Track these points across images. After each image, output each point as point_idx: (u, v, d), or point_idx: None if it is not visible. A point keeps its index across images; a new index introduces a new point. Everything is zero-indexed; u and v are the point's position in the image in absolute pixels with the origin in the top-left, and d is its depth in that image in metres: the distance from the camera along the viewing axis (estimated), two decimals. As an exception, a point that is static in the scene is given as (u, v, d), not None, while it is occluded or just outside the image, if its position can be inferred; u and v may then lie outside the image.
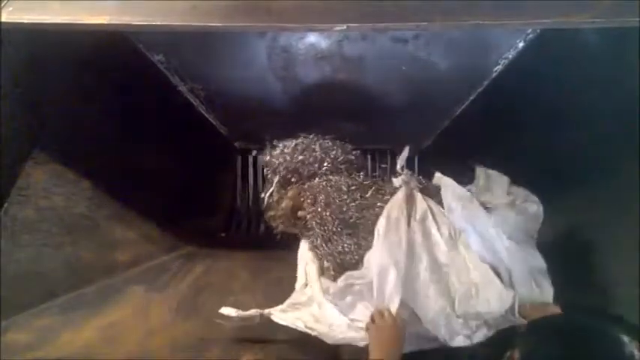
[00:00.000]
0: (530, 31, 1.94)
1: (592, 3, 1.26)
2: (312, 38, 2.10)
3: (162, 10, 1.31)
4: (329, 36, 2.07)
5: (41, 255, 1.63)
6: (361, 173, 2.06)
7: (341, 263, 1.75)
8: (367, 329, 1.45)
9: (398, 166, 1.95)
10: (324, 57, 2.17)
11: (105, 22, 1.28)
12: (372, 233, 1.64)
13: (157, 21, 1.29)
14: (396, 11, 1.30)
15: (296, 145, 2.17)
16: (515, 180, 1.88)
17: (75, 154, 1.75)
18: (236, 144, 2.71)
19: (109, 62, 1.90)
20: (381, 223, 1.62)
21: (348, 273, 1.63)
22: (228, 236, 2.57)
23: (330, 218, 1.80)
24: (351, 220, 1.78)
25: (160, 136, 2.24)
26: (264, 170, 2.30)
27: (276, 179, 2.15)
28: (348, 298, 1.60)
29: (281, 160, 2.14)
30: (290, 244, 2.01)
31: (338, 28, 1.28)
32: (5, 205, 1.52)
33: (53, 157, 1.66)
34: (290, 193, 2.04)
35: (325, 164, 2.09)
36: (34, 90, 1.60)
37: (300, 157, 2.11)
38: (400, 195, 1.72)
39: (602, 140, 1.68)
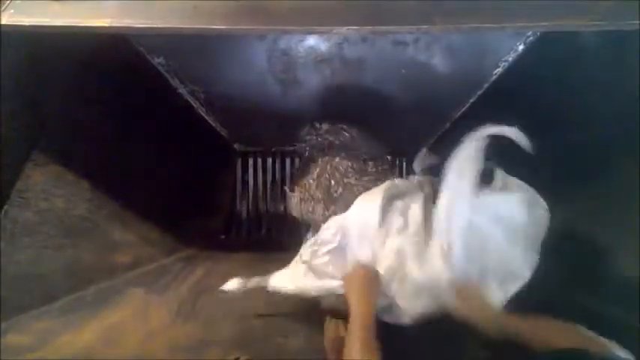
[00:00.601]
0: (530, 33, 1.94)
1: (592, 6, 1.27)
2: (311, 41, 2.11)
3: (163, 13, 1.31)
4: (329, 39, 2.08)
5: (41, 257, 1.62)
6: (371, 163, 2.11)
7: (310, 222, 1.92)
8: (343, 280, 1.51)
9: (416, 169, 1.95)
10: (324, 60, 2.17)
11: (106, 24, 1.28)
12: (346, 208, 1.69)
13: (158, 23, 1.29)
14: (396, 14, 1.30)
15: (328, 129, 2.39)
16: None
17: (75, 155, 1.75)
18: (236, 146, 2.71)
19: (109, 64, 1.90)
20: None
21: (313, 239, 1.68)
22: (229, 239, 2.57)
23: (314, 184, 1.86)
24: (335, 195, 1.84)
25: (160, 137, 2.24)
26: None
27: (306, 154, 2.39)
28: (319, 263, 1.63)
29: (312, 137, 2.36)
30: (290, 247, 2.01)
31: (337, 31, 1.28)
32: (5, 207, 1.52)
33: (53, 159, 1.67)
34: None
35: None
36: (34, 91, 1.60)
37: (330, 138, 2.32)
38: (396, 181, 1.80)
39: (602, 143, 1.68)
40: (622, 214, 1.58)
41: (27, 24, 1.30)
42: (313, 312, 1.72)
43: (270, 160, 2.71)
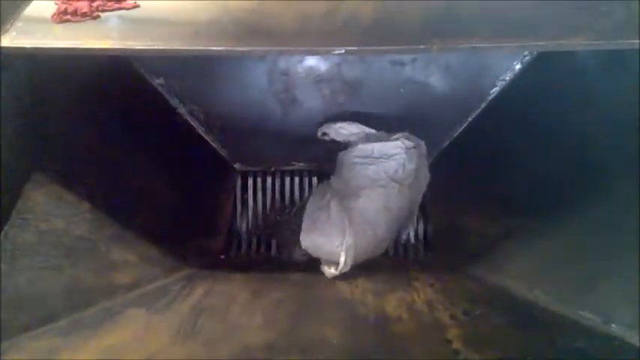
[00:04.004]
0: (526, 53, 1.96)
1: (589, 25, 1.28)
2: (311, 61, 2.13)
3: (164, 35, 1.33)
4: (328, 59, 2.10)
5: (41, 278, 1.62)
6: None
7: None
8: None
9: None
10: (323, 80, 2.19)
11: (107, 46, 1.30)
12: None
13: (159, 45, 1.30)
14: (394, 35, 1.32)
15: None
16: (512, 200, 1.89)
17: (75, 176, 1.75)
18: (236, 165, 2.72)
19: (109, 85, 1.91)
20: None
21: None
22: (229, 258, 2.56)
23: None
24: None
25: (160, 158, 2.25)
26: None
27: None
28: None
29: None
30: (290, 266, 2.02)
31: (337, 52, 1.29)
32: (5, 228, 1.52)
33: (54, 180, 1.67)
34: None
35: None
36: (35, 113, 1.61)
37: None
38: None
39: (600, 163, 1.68)
40: (621, 234, 1.57)
41: (28, 46, 1.31)
42: (314, 329, 1.72)
43: (270, 180, 2.72)
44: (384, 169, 2.29)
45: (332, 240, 2.16)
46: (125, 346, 1.61)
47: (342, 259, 2.10)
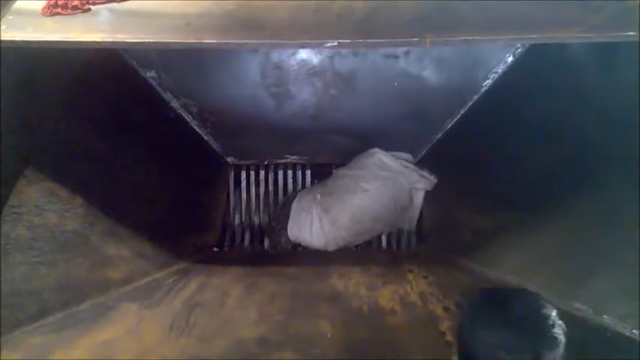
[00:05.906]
0: (519, 45, 1.96)
1: (581, 18, 1.28)
2: (303, 54, 2.12)
3: (156, 28, 1.32)
4: (320, 52, 2.09)
5: (34, 273, 1.61)
6: None
7: None
8: None
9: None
10: (316, 73, 2.18)
11: (98, 39, 1.29)
12: None
13: (150, 38, 1.29)
14: (387, 28, 1.31)
15: None
16: (506, 194, 1.89)
17: (68, 170, 1.74)
18: (228, 159, 2.71)
19: (101, 79, 1.90)
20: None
21: None
22: (222, 252, 2.56)
23: None
24: None
25: (153, 151, 2.24)
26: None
27: None
28: None
29: None
30: (283, 260, 2.01)
31: (329, 45, 1.29)
32: (-2, 222, 1.51)
33: (46, 174, 1.66)
34: None
35: None
36: (27, 107, 1.59)
37: None
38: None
39: (592, 155, 1.68)
40: (614, 227, 1.58)
41: (19, 39, 1.30)
42: (308, 323, 1.73)
43: (262, 173, 2.72)
44: (395, 195, 2.47)
45: (314, 242, 2.46)
46: (118, 341, 1.60)
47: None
